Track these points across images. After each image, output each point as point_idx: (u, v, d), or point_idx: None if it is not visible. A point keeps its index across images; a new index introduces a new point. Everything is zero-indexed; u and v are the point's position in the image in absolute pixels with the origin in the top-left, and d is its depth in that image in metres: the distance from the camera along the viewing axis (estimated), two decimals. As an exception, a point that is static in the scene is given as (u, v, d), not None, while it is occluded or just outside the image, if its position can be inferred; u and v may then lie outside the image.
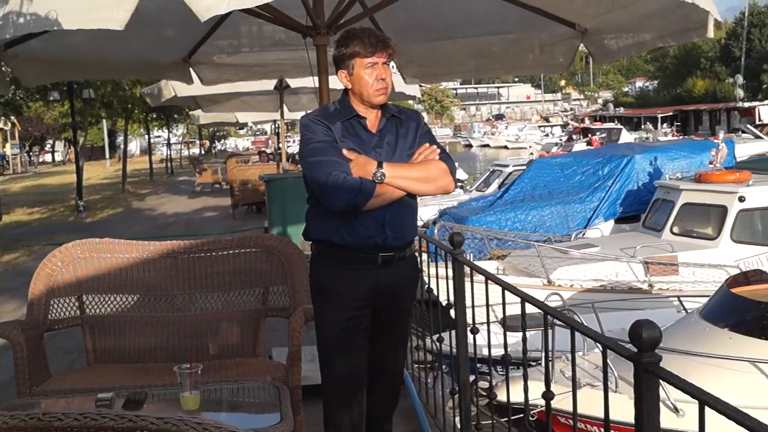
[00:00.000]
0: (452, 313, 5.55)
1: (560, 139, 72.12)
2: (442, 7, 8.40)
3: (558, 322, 3.71)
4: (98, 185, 46.39)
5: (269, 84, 16.87)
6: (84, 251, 6.33)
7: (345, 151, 4.43)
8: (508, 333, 4.80)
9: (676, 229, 15.65)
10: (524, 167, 24.47)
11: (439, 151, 4.63)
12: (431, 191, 4.73)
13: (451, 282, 5.39)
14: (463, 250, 5.15)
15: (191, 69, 9.52)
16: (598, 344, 3.23)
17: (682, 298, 11.74)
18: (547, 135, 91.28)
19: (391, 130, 4.65)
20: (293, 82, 15.67)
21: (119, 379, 5.59)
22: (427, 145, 4.64)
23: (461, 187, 27.66)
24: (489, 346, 4.83)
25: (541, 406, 7.38)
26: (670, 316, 11.56)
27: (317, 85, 7.24)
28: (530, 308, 3.92)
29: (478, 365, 8.93)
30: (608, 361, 3.25)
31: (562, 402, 7.31)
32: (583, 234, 17.80)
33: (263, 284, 6.35)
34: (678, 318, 11.24)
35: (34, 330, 5.84)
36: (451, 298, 5.49)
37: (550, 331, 9.12)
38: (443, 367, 8.05)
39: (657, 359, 2.59)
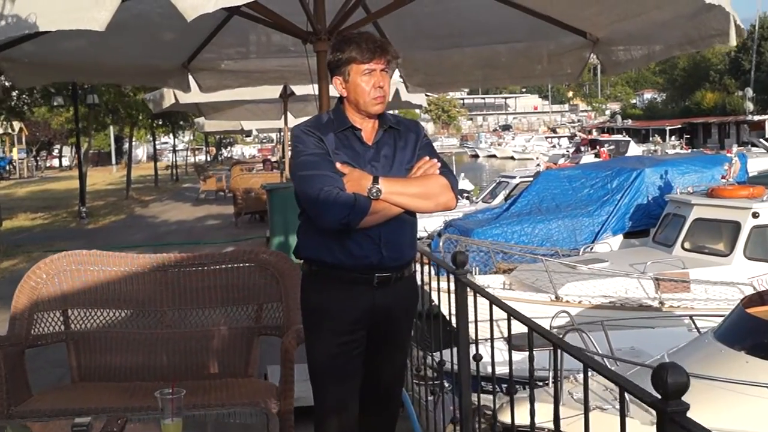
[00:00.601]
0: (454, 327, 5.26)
1: (567, 151, 72.08)
2: (449, 15, 8.13)
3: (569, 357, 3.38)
4: (103, 191, 46.32)
5: (274, 91, 16.63)
6: (70, 263, 6.08)
7: (338, 165, 4.17)
8: (513, 351, 4.50)
9: (687, 245, 15.29)
10: (531, 179, 24.21)
11: (439, 165, 4.36)
12: (431, 208, 4.39)
13: (453, 299, 5.08)
14: (467, 270, 4.84)
15: (190, 75, 9.24)
16: (616, 385, 2.89)
17: (694, 317, 11.37)
18: (554, 146, 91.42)
19: (389, 143, 4.38)
20: (298, 90, 15.42)
21: (103, 399, 5.39)
22: (427, 158, 4.37)
23: (467, 198, 27.39)
24: (492, 366, 4.48)
25: (549, 430, 7.05)
26: (681, 336, 11.30)
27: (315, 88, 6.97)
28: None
29: (482, 383, 8.62)
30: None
31: (571, 426, 7.00)
32: (591, 248, 17.44)
33: (257, 301, 6.09)
34: (689, 337, 10.90)
35: (14, 346, 5.61)
36: (453, 319, 5.19)
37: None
38: (445, 384, 7.74)
39: (684, 408, 2.28)
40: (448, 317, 5.74)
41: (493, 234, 17.84)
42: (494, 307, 4.36)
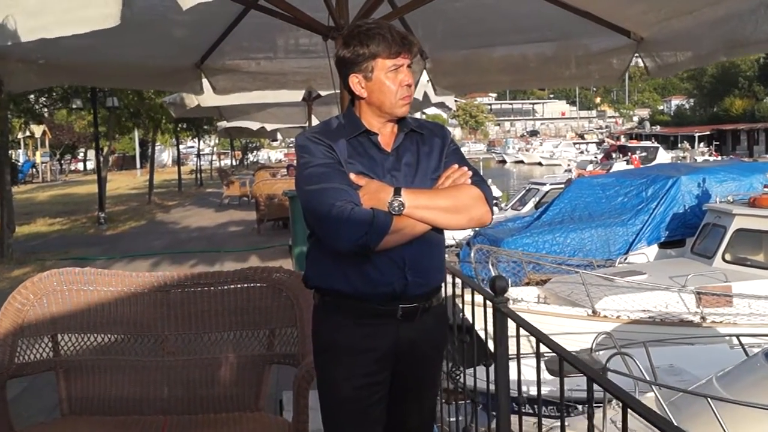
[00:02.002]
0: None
1: (595, 157, 71.93)
2: (480, 11, 7.50)
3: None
4: (125, 195, 46.14)
5: (297, 95, 16.09)
6: (60, 282, 5.44)
7: (353, 176, 3.60)
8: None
9: (728, 257, 14.69)
10: (562, 186, 23.74)
11: (471, 174, 3.77)
12: (462, 224, 3.79)
13: (489, 321, 4.47)
14: (507, 299, 4.20)
15: (203, 76, 8.64)
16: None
17: (740, 337, 10.68)
18: (582, 152, 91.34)
19: (411, 149, 3.78)
20: (323, 91, 14.80)
21: (95, 437, 4.74)
22: (456, 166, 3.79)
23: (495, 205, 26.76)
24: (539, 407, 3.89)
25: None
26: (723, 353, 10.73)
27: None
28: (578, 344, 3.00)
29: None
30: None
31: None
32: (625, 259, 16.81)
33: (269, 326, 5.44)
34: (731, 355, 10.38)
35: (-5, 377, 4.96)
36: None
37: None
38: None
39: None
40: (483, 336, 5.16)
41: (524, 243, 17.23)
42: (533, 317, 3.73)
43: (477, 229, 18.69)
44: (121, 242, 24.29)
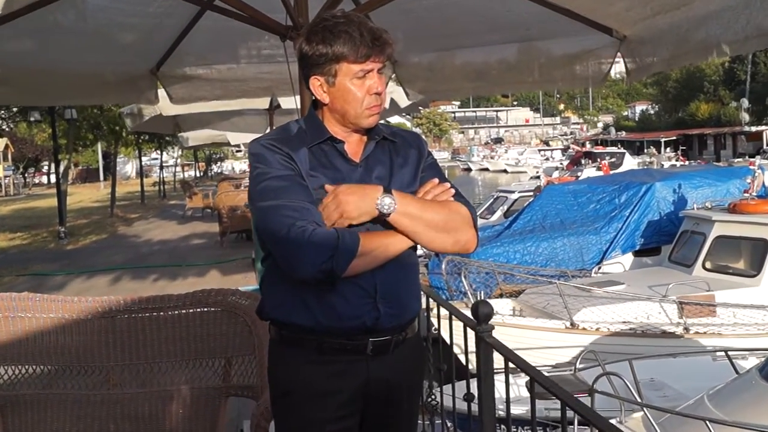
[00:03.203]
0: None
1: (561, 163, 72.17)
2: (451, 9, 6.99)
3: None
4: (87, 209, 45.72)
5: (261, 102, 15.54)
6: (-4, 309, 4.89)
7: (327, 187, 3.11)
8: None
9: (708, 265, 14.23)
10: (531, 193, 23.39)
11: (453, 192, 3.31)
12: (447, 246, 3.30)
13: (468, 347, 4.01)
14: (492, 326, 3.69)
15: (159, 85, 8.13)
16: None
17: (729, 352, 10.24)
18: (547, 159, 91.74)
19: (382, 159, 3.29)
20: (284, 103, 14.24)
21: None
22: (437, 181, 3.30)
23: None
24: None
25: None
26: (706, 365, 10.39)
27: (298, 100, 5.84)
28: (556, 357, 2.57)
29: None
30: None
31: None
32: (599, 268, 16.38)
33: (224, 354, 4.93)
34: (715, 368, 10.00)
35: None
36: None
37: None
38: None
39: None
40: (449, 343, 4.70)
41: (494, 254, 16.72)
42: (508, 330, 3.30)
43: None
44: (82, 257, 23.88)
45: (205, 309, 4.95)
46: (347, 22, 3.12)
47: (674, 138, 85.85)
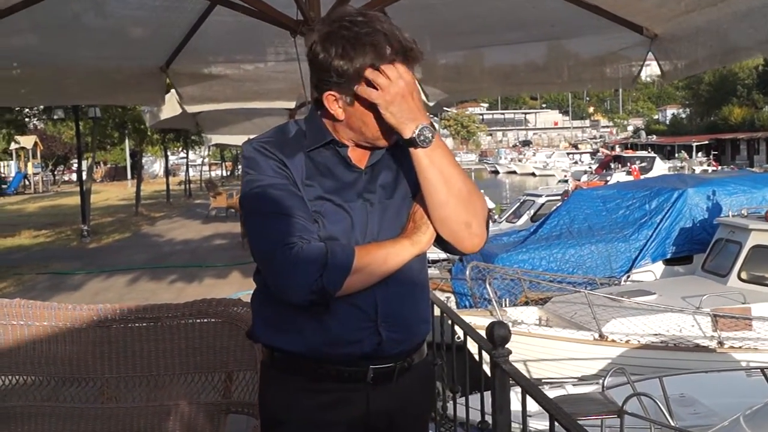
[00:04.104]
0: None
1: (590, 167, 71.62)
2: (474, 6, 6.64)
3: None
4: (113, 207, 45.69)
5: (287, 102, 15.20)
6: (-15, 316, 4.62)
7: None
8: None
9: (744, 276, 13.83)
10: (558, 198, 23.03)
11: None
12: (458, 226, 2.83)
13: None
14: (509, 351, 3.35)
15: (169, 83, 7.85)
16: None
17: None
18: (575, 162, 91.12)
19: (390, 165, 2.91)
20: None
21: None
22: None
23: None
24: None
25: None
26: (738, 381, 10.14)
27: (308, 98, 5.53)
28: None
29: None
30: None
31: None
32: (629, 276, 15.99)
33: (225, 368, 4.64)
34: (748, 384, 9.82)
35: None
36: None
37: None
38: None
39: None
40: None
41: (519, 260, 16.43)
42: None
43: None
44: (103, 256, 23.74)
45: (206, 320, 4.66)
46: (373, 32, 2.68)
47: (706, 142, 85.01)
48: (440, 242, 2.90)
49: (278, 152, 2.78)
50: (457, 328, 4.21)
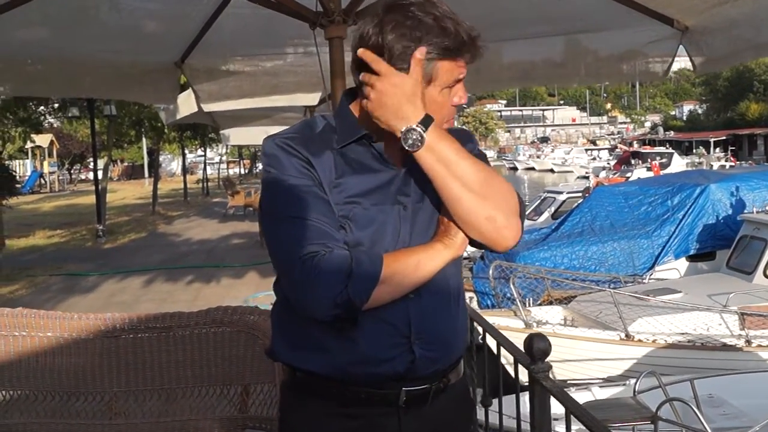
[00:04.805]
0: None
1: (608, 163, 71.72)
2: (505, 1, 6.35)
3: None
4: (130, 206, 45.65)
5: (310, 99, 14.90)
6: (-14, 327, 4.36)
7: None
8: None
9: None
10: (579, 194, 22.87)
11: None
12: (478, 220, 2.51)
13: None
14: (549, 365, 3.06)
15: (188, 83, 7.62)
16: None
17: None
18: (594, 158, 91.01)
19: None
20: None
21: None
22: None
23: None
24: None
25: None
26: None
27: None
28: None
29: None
30: None
31: None
32: (652, 274, 15.77)
33: (241, 381, 4.39)
34: None
35: None
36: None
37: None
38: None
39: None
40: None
41: (541, 258, 16.18)
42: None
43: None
44: (119, 256, 23.54)
45: (220, 329, 4.41)
46: (442, 16, 2.43)
47: (723, 138, 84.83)
48: (473, 242, 2.60)
49: (304, 150, 2.51)
50: (489, 337, 3.93)
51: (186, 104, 12.83)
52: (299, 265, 2.36)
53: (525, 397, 3.30)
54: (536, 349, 3.04)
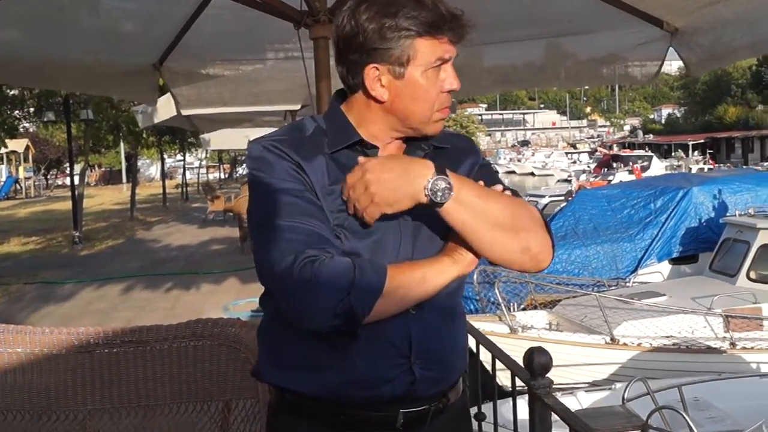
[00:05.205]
0: None
1: (588, 166, 72.32)
2: (491, 2, 6.17)
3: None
4: (108, 211, 45.33)
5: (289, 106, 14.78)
6: (-50, 342, 4.14)
7: (360, 159, 2.34)
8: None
9: (753, 275, 13.67)
10: (562, 198, 22.94)
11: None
12: (513, 255, 2.37)
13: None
14: (550, 380, 2.88)
15: (167, 86, 7.46)
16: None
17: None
18: (574, 162, 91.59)
19: None
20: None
21: None
22: (501, 188, 2.43)
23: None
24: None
25: None
26: (754, 384, 10.03)
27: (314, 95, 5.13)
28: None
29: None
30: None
31: None
32: (635, 277, 15.78)
33: (222, 396, 4.15)
34: (762, 385, 9.80)
35: None
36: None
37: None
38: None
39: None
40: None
41: (524, 261, 16.08)
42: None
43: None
44: (96, 263, 23.28)
45: (200, 343, 4.19)
46: None
47: (702, 141, 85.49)
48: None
49: (294, 153, 2.33)
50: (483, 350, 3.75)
51: (165, 108, 12.71)
52: (297, 270, 2.16)
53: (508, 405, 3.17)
54: (537, 364, 2.85)
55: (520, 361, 2.97)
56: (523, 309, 14.32)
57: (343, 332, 2.20)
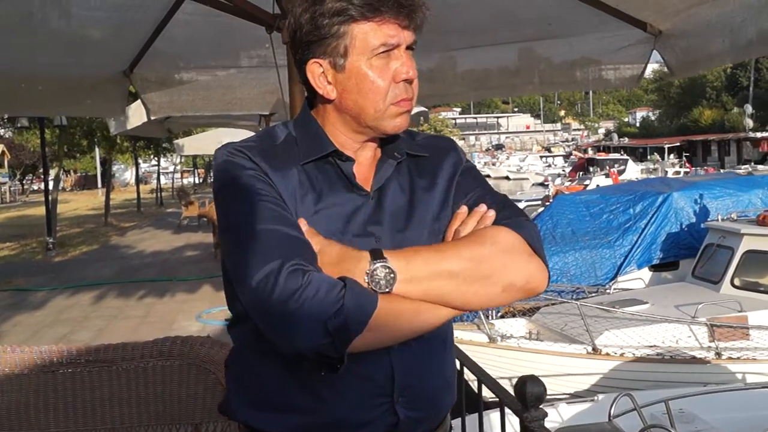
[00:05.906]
0: None
1: (563, 170, 72.20)
2: (464, 2, 6.00)
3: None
4: (82, 217, 44.85)
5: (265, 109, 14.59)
6: None
7: (304, 228, 2.03)
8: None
9: (737, 282, 13.33)
10: (539, 202, 22.70)
11: (492, 215, 2.24)
12: (496, 299, 2.16)
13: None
14: (545, 413, 2.69)
15: (137, 93, 7.26)
16: None
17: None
18: (549, 165, 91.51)
19: (403, 185, 2.24)
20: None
21: None
22: (465, 211, 2.26)
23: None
24: None
25: None
26: (740, 395, 9.69)
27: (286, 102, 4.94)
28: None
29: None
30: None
31: None
32: (615, 284, 15.53)
33: (191, 419, 3.97)
34: (747, 397, 9.52)
35: None
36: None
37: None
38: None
39: None
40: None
41: (500, 269, 15.88)
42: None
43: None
44: (69, 270, 22.88)
45: (168, 362, 3.99)
46: None
47: (678, 144, 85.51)
48: None
49: (263, 162, 2.13)
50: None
51: (136, 115, 12.50)
52: (281, 281, 1.90)
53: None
54: (530, 395, 2.65)
55: (501, 373, 2.78)
56: (502, 316, 13.98)
57: (326, 361, 1.95)
